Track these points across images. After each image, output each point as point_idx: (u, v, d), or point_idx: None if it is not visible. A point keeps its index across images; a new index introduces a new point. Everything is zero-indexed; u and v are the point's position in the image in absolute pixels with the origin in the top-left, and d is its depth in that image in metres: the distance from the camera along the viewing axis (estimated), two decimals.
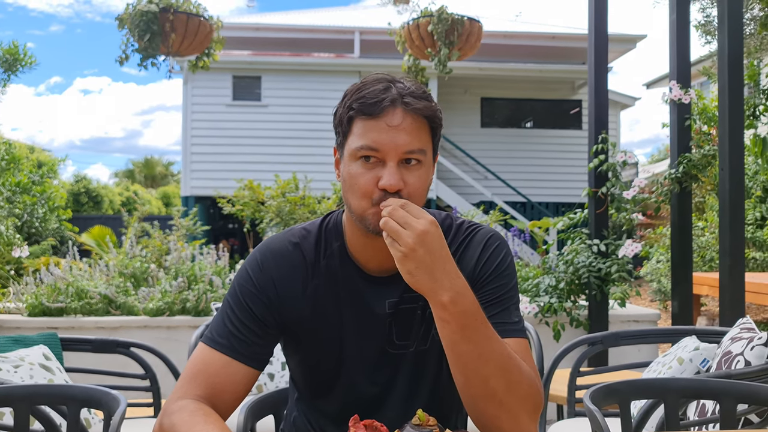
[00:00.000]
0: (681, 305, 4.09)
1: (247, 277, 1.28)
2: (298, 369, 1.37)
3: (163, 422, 1.14)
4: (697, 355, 2.41)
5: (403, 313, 1.29)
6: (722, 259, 3.63)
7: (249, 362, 1.22)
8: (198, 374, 1.19)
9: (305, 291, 1.28)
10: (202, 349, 1.23)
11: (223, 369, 1.20)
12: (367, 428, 1.09)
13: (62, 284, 4.02)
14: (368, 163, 1.19)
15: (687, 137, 4.23)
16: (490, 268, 1.28)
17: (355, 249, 1.29)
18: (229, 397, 1.20)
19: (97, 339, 2.78)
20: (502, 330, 1.22)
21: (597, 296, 4.09)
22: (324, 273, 1.29)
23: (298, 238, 1.32)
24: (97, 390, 1.65)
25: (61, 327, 3.85)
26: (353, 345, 1.29)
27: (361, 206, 1.20)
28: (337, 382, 1.32)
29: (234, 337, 1.23)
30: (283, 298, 1.27)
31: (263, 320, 1.25)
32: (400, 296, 1.29)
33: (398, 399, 1.31)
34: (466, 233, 1.32)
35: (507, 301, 1.27)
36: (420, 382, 1.31)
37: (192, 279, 4.21)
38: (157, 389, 2.66)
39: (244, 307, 1.25)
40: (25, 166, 10.70)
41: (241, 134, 12.75)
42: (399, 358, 1.30)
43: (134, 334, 3.83)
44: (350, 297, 1.29)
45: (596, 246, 4.12)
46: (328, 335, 1.29)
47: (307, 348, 1.31)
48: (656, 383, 1.71)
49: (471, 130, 14.07)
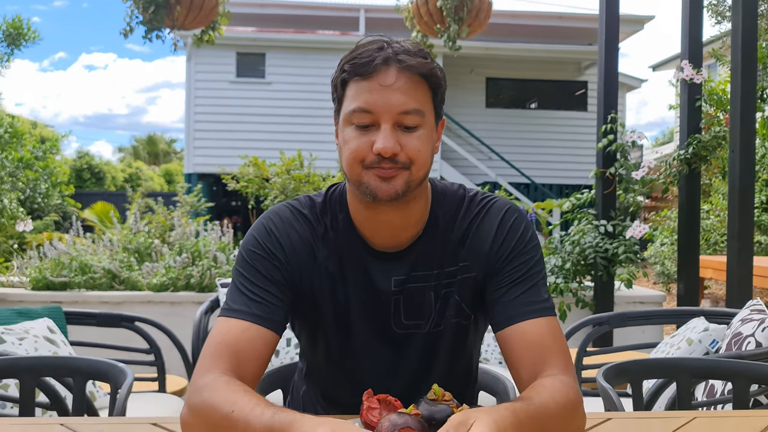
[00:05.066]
0: (687, 287, 4.07)
1: (254, 242, 1.22)
2: (307, 343, 1.34)
3: (192, 402, 1.05)
4: (706, 336, 2.39)
5: (411, 292, 1.23)
6: (730, 242, 3.60)
7: (267, 325, 1.15)
8: (219, 347, 1.12)
9: (315, 260, 1.23)
10: (220, 322, 1.17)
11: (244, 335, 1.13)
12: (381, 402, 1.07)
13: (66, 259, 4.01)
14: (363, 129, 1.12)
15: (697, 118, 4.18)
16: (511, 244, 1.21)
17: (360, 222, 1.23)
18: (252, 366, 1.13)
19: (102, 313, 2.77)
20: (533, 310, 1.16)
21: (603, 277, 4.07)
22: (331, 244, 1.24)
23: (304, 207, 1.26)
24: (103, 362, 1.64)
25: (64, 301, 3.84)
26: (360, 322, 1.25)
27: (355, 171, 1.14)
28: (346, 359, 1.28)
29: (250, 300, 1.16)
30: (292, 264, 1.21)
31: (275, 281, 1.19)
32: (408, 274, 1.23)
33: (409, 378, 1.27)
34: (481, 206, 1.25)
35: (534, 277, 1.20)
36: (432, 362, 1.28)
37: (196, 255, 4.19)
38: (161, 363, 2.66)
39: (255, 271, 1.19)
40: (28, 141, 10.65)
41: (244, 111, 12.66)
42: (408, 338, 1.26)
43: (138, 309, 3.82)
44: (355, 272, 1.23)
45: (603, 227, 4.09)
46: (336, 309, 1.24)
47: (316, 321, 1.27)
48: (669, 363, 1.69)
49: (476, 110, 13.98)
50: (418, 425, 0.97)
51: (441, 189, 1.28)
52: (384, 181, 1.13)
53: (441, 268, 1.24)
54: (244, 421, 0.95)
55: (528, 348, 1.14)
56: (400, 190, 1.13)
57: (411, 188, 1.15)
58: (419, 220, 1.24)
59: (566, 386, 1.07)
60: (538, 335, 1.14)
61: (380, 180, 1.13)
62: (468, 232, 1.24)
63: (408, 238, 1.24)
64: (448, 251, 1.24)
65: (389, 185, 1.13)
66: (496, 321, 1.20)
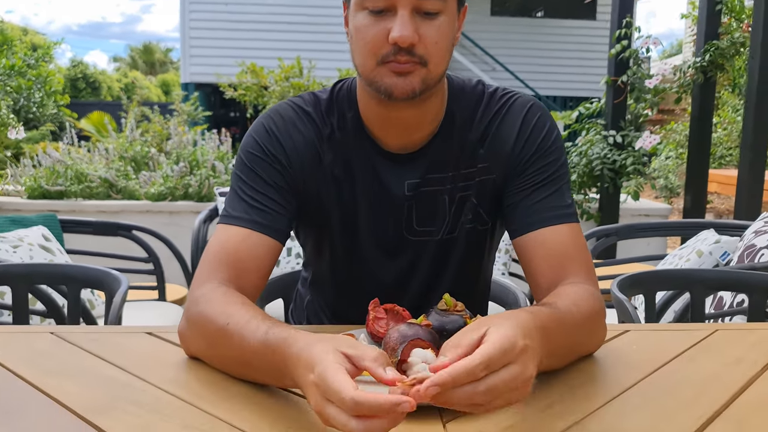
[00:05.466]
0: (694, 200, 4.00)
1: (253, 144, 1.14)
2: (312, 251, 1.26)
3: (188, 313, 1.00)
4: (717, 248, 2.34)
5: (425, 196, 1.15)
6: (743, 152, 3.50)
7: (269, 233, 1.08)
8: (217, 255, 1.05)
9: (320, 164, 1.14)
10: (219, 230, 1.10)
11: (243, 243, 1.07)
12: (387, 312, 1.01)
13: (60, 167, 3.92)
14: (377, 14, 1.01)
15: (716, 24, 3.99)
16: (535, 144, 1.12)
17: (371, 121, 1.13)
18: (253, 276, 1.06)
19: (98, 221, 2.71)
20: (556, 215, 1.08)
21: (609, 189, 4.00)
22: (338, 146, 1.14)
23: (308, 105, 1.16)
24: (97, 270, 1.58)
25: (61, 210, 3.78)
26: (369, 229, 1.17)
27: (367, 65, 1.03)
28: (352, 266, 1.21)
29: (250, 207, 1.09)
30: (296, 167, 1.13)
31: (277, 186, 1.11)
32: (422, 177, 1.14)
33: (418, 287, 1.21)
34: (501, 102, 1.15)
35: (558, 180, 1.11)
36: (444, 271, 1.21)
37: (194, 164, 4.10)
38: (160, 272, 2.62)
39: (255, 175, 1.11)
40: (19, 48, 10.34)
41: (242, 18, 12.19)
42: (420, 246, 1.19)
43: (136, 218, 3.76)
44: (365, 175, 1.15)
45: (612, 137, 3.97)
46: (343, 216, 1.17)
47: (322, 229, 1.19)
48: (684, 274, 1.64)
49: (480, 17, 13.47)
50: (429, 336, 0.90)
51: (458, 85, 1.18)
52: (400, 76, 1.02)
53: (457, 170, 1.16)
54: (239, 335, 0.89)
55: (549, 256, 1.06)
56: (417, 88, 1.03)
57: (429, 86, 1.05)
58: (435, 119, 1.14)
59: (590, 294, 1.00)
60: (560, 242, 1.07)
61: (395, 75, 1.02)
62: (488, 131, 1.15)
63: (422, 138, 1.14)
64: (465, 152, 1.15)
65: (405, 81, 1.02)
66: (515, 227, 1.12)
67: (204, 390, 0.90)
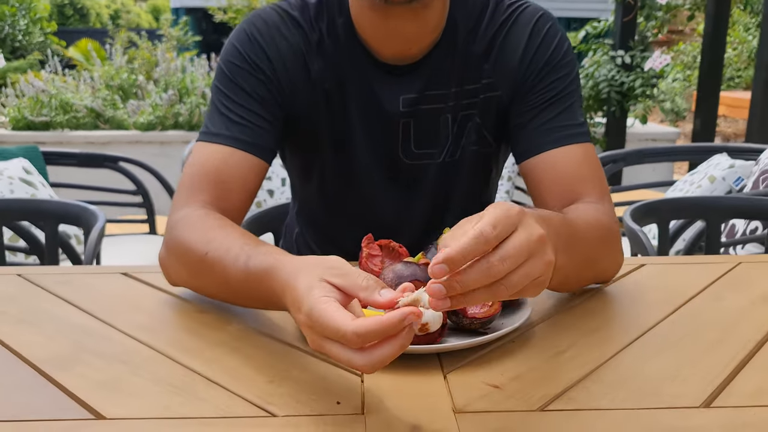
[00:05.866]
0: (704, 123, 3.86)
1: (234, 53, 1.01)
2: (299, 176, 1.15)
3: (166, 239, 0.92)
4: (731, 173, 2.23)
5: (423, 114, 1.04)
6: (758, 72, 3.34)
7: (253, 150, 0.98)
8: (197, 176, 0.96)
9: (308, 75, 1.02)
10: (198, 148, 1.00)
11: (225, 163, 0.97)
12: (383, 249, 0.90)
13: (44, 97, 3.76)
14: None
15: None
16: (544, 58, 1.01)
17: (363, 27, 1.01)
18: (237, 198, 0.97)
19: (83, 153, 2.60)
20: (567, 135, 0.98)
21: (616, 112, 3.85)
22: (328, 56, 1.02)
23: (295, 9, 1.03)
24: (73, 205, 1.48)
25: (48, 142, 3.65)
26: (362, 150, 1.06)
27: None
28: (344, 195, 1.11)
29: (231, 122, 0.99)
30: (281, 79, 1.01)
31: (261, 99, 1.00)
32: (420, 93, 1.03)
33: (417, 218, 1.11)
34: (509, 12, 1.03)
35: (569, 96, 1.01)
36: (444, 199, 1.10)
37: (183, 92, 3.94)
38: (150, 205, 2.53)
39: (236, 87, 1.00)
40: None
41: None
42: (419, 170, 1.08)
43: (126, 149, 3.64)
44: (357, 88, 1.03)
45: (621, 58, 3.79)
46: (333, 135, 1.05)
47: (309, 149, 1.08)
48: (701, 201, 1.54)
49: None
50: (427, 277, 0.81)
51: None
52: None
53: (460, 86, 1.04)
54: (220, 265, 0.81)
55: (559, 178, 0.97)
56: None
57: None
58: (435, 28, 1.01)
59: (604, 213, 0.92)
60: (572, 164, 0.98)
61: None
62: (493, 43, 1.03)
63: (421, 49, 1.02)
64: (469, 66, 1.03)
65: None
66: (522, 149, 1.01)
67: (180, 338, 0.82)
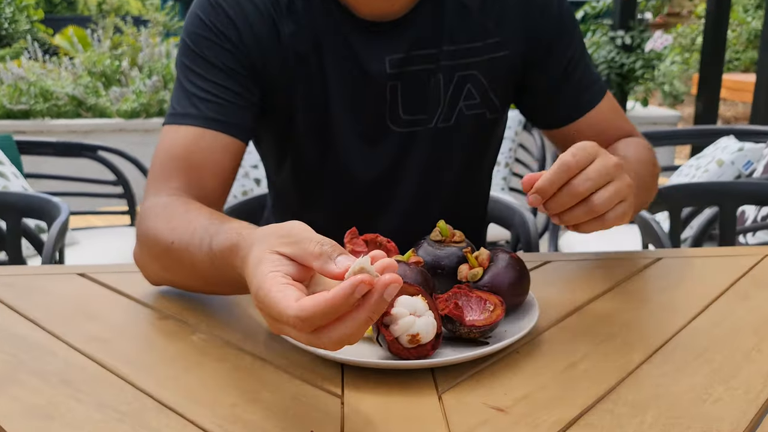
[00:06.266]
0: (707, 105, 3.75)
1: (197, 22, 0.90)
2: (274, 157, 1.03)
3: (137, 236, 0.84)
4: (740, 156, 2.12)
5: (412, 76, 0.92)
6: (763, 53, 3.24)
7: (225, 129, 0.88)
8: (166, 162, 0.86)
9: (279, 39, 0.91)
10: (166, 131, 0.89)
11: (196, 145, 0.86)
12: (368, 244, 0.78)
13: (23, 84, 3.62)
14: None
15: None
16: (552, 22, 0.95)
17: None
18: (212, 183, 0.87)
19: (60, 142, 2.46)
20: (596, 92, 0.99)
21: (616, 95, 3.74)
22: (300, 17, 0.91)
23: None
24: (36, 197, 1.36)
25: (28, 131, 3.52)
26: (343, 119, 0.94)
27: None
28: (323, 172, 0.98)
29: (200, 100, 0.88)
30: (249, 45, 0.90)
31: (230, 70, 0.89)
32: (407, 52, 0.91)
33: (407, 198, 0.99)
34: None
35: (584, 52, 0.99)
36: (438, 173, 0.98)
37: (169, 78, 3.80)
38: (130, 196, 2.41)
39: (202, 60, 0.89)
40: None
41: None
42: (409, 139, 0.95)
43: (109, 137, 3.51)
44: (336, 51, 0.91)
45: (621, 38, 3.67)
46: (310, 104, 0.93)
47: (284, 125, 0.96)
48: (715, 187, 1.44)
49: None
50: (418, 278, 0.70)
51: None
52: None
53: (456, 44, 0.92)
54: (187, 252, 0.72)
55: (598, 135, 0.97)
56: None
57: None
58: None
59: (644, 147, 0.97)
60: (606, 117, 1.00)
61: None
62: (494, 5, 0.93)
63: (404, 4, 0.91)
64: (465, 20, 0.93)
65: None
66: (556, 117, 1.00)
67: (134, 351, 0.71)
